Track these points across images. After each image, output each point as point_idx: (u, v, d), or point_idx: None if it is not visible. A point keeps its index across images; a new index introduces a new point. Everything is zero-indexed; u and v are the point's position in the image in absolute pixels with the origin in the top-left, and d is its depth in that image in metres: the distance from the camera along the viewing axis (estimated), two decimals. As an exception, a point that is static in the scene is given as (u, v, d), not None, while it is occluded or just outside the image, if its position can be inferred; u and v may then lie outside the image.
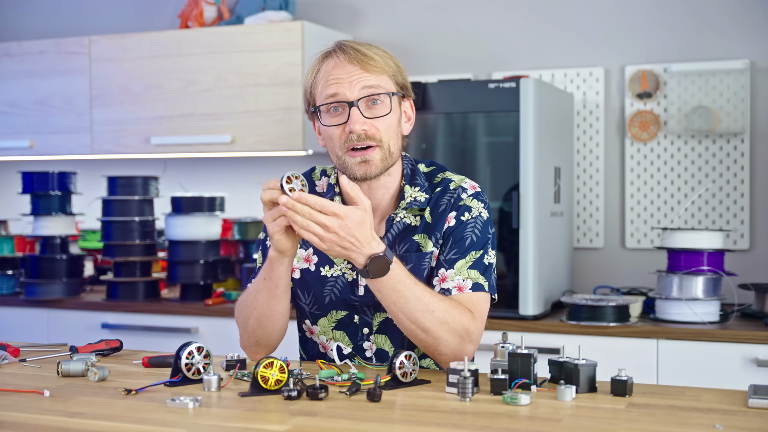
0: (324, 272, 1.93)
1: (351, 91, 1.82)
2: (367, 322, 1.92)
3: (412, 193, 1.91)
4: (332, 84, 1.83)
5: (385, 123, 1.84)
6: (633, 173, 3.38)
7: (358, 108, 1.82)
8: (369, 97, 1.83)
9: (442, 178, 1.95)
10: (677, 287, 2.86)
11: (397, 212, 1.91)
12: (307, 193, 1.69)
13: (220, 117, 3.52)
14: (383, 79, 1.85)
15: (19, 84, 3.82)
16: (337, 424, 1.43)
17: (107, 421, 1.46)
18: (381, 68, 1.84)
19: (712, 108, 3.23)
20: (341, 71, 1.83)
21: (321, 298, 1.93)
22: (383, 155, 1.85)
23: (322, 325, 1.95)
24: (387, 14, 3.71)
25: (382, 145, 1.84)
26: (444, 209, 1.90)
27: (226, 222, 3.73)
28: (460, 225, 1.89)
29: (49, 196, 3.51)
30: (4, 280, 3.64)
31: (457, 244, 1.88)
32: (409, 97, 1.93)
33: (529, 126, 2.90)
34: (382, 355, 1.92)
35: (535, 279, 2.92)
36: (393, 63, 1.88)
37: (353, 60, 1.83)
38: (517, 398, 1.53)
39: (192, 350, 1.71)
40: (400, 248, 1.89)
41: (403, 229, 1.91)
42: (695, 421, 1.43)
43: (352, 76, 1.82)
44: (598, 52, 3.44)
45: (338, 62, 1.84)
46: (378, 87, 1.84)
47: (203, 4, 3.70)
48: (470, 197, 1.91)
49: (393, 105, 1.86)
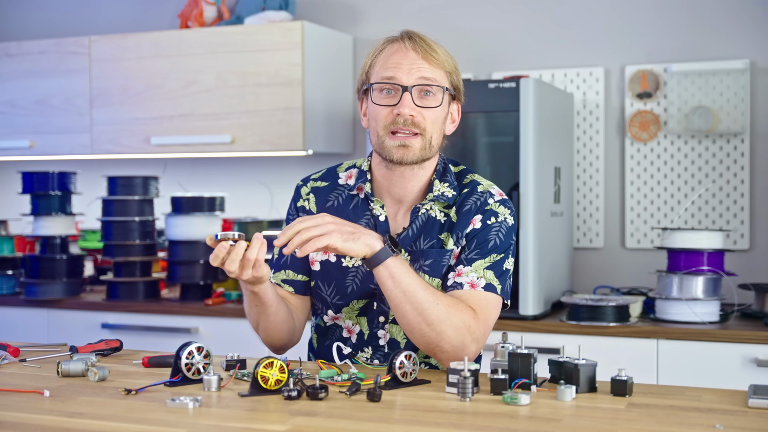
0: (345, 263, 1.95)
1: (408, 77, 1.86)
2: (384, 311, 1.94)
3: (441, 188, 1.94)
4: (391, 67, 1.87)
5: (432, 114, 1.88)
6: (633, 173, 3.38)
7: (411, 94, 1.86)
8: (423, 86, 1.87)
9: (471, 179, 1.98)
10: (677, 287, 2.86)
11: (424, 203, 1.93)
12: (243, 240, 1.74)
13: (220, 117, 3.52)
14: (440, 74, 1.90)
15: (19, 84, 3.82)
16: (337, 424, 1.43)
17: (107, 421, 1.46)
18: (441, 63, 1.90)
19: (712, 108, 3.23)
20: (402, 57, 1.88)
21: (343, 288, 1.95)
22: (423, 144, 1.88)
23: (346, 312, 1.97)
24: (387, 14, 3.71)
25: (425, 134, 1.88)
26: (469, 209, 1.92)
27: (226, 222, 3.72)
28: (485, 228, 1.90)
29: (49, 196, 3.50)
30: (4, 280, 3.64)
31: (480, 245, 1.89)
32: (459, 100, 1.97)
33: (529, 126, 2.90)
34: (394, 345, 1.95)
35: (535, 279, 2.92)
36: (452, 63, 1.94)
37: (417, 48, 1.88)
38: (517, 398, 1.53)
39: (192, 350, 1.71)
40: (425, 243, 1.91)
41: (427, 221, 1.93)
42: (695, 421, 1.43)
43: (412, 64, 1.87)
44: (598, 52, 3.44)
45: (401, 47, 1.89)
46: (434, 79, 1.88)
47: (203, 4, 3.70)
48: (497, 203, 1.93)
49: (444, 100, 1.90)
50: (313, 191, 2.03)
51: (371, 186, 1.96)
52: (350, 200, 1.98)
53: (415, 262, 1.91)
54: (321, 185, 2.03)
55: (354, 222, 1.89)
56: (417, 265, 1.90)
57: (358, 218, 1.95)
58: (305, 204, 2.02)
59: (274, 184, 3.82)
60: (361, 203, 1.97)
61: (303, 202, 2.03)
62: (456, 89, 1.94)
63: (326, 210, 1.98)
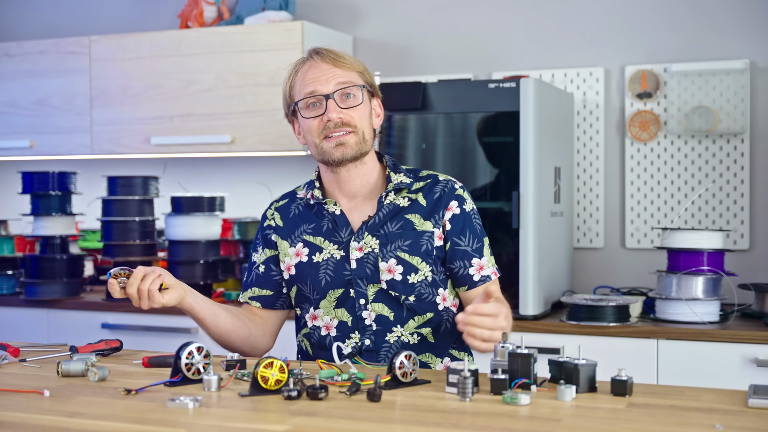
0: (316, 259, 2.10)
1: (326, 86, 2.04)
2: (362, 293, 2.06)
3: (398, 177, 2.11)
4: (309, 83, 2.05)
5: (358, 112, 2.06)
6: (633, 173, 3.38)
7: (334, 100, 2.03)
8: (343, 90, 2.04)
9: (427, 173, 2.16)
10: (677, 287, 2.86)
11: (387, 193, 2.09)
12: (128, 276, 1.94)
13: (220, 117, 3.52)
14: (353, 75, 2.07)
15: (19, 84, 3.82)
16: (337, 424, 1.43)
17: (107, 421, 1.46)
18: (351, 66, 2.07)
19: (712, 108, 3.23)
20: (317, 71, 2.05)
21: (318, 282, 2.09)
22: (358, 140, 2.05)
23: (324, 307, 2.09)
24: (387, 14, 3.71)
25: (357, 131, 2.05)
26: (440, 196, 2.10)
27: (226, 222, 3.73)
28: (465, 214, 2.10)
29: (49, 196, 3.50)
30: (4, 280, 3.64)
31: (471, 233, 2.10)
32: (377, 95, 2.14)
33: (529, 126, 2.90)
34: (382, 320, 2.05)
35: (535, 279, 2.92)
36: (361, 64, 2.11)
37: (326, 59, 2.06)
38: (517, 398, 1.53)
39: (192, 350, 1.71)
40: (394, 226, 2.07)
41: (393, 209, 2.09)
42: (695, 421, 1.44)
43: (327, 74, 2.04)
44: (598, 52, 3.44)
45: (313, 63, 2.07)
46: (350, 81, 2.06)
47: (203, 4, 3.70)
48: (461, 189, 2.13)
49: (364, 97, 2.08)
50: (276, 210, 2.21)
51: (321, 191, 2.13)
52: (309, 208, 2.16)
53: (390, 243, 2.06)
54: (282, 203, 2.22)
55: (316, 221, 2.11)
56: (393, 245, 2.05)
57: (319, 219, 2.12)
58: (270, 222, 2.19)
59: (274, 184, 3.81)
60: (318, 207, 2.14)
61: (269, 221, 2.20)
62: (371, 86, 2.11)
63: (290, 219, 2.16)
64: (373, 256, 2.05)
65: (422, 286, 2.06)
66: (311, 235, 2.11)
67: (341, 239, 2.08)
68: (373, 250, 2.05)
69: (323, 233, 2.10)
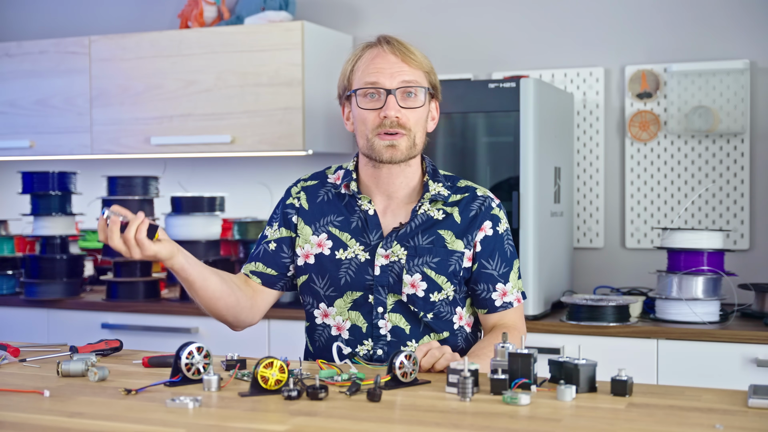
0: (339, 255, 2.02)
1: (391, 81, 1.95)
2: (381, 302, 1.99)
3: (436, 187, 2.03)
4: (373, 72, 1.96)
5: (416, 115, 1.98)
6: (633, 173, 3.38)
7: (395, 96, 1.95)
8: (406, 88, 1.96)
9: (465, 184, 2.08)
10: (677, 287, 2.86)
11: (422, 203, 2.01)
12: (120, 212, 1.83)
13: (220, 117, 3.52)
14: (420, 75, 1.99)
15: (19, 84, 3.82)
16: (337, 424, 1.43)
17: (107, 421, 1.46)
18: (419, 65, 1.99)
19: (712, 108, 3.23)
20: (383, 61, 1.97)
21: (337, 280, 2.01)
22: (409, 144, 1.97)
23: (339, 306, 2.03)
24: (387, 14, 3.71)
25: (410, 134, 1.97)
26: (475, 215, 2.02)
27: (226, 222, 3.73)
28: (498, 237, 2.03)
29: (49, 196, 3.50)
30: (4, 280, 3.64)
31: (501, 256, 2.03)
32: (437, 98, 2.06)
33: (529, 126, 2.90)
34: (398, 332, 1.99)
35: (535, 279, 2.92)
36: (429, 63, 2.03)
37: (396, 52, 1.97)
38: (517, 398, 1.53)
39: (192, 350, 1.71)
40: (424, 239, 2.00)
41: (427, 220, 2.01)
42: (695, 421, 1.43)
43: (393, 68, 1.96)
44: (598, 52, 3.44)
45: (381, 52, 1.98)
46: (415, 81, 1.97)
47: (203, 4, 3.70)
48: (498, 208, 2.06)
49: (425, 100, 2.00)
50: (303, 189, 2.10)
51: (357, 185, 2.04)
52: (340, 197, 2.06)
53: (419, 257, 1.98)
54: (311, 184, 2.11)
55: (345, 215, 2.02)
56: (421, 260, 1.98)
57: (349, 213, 2.03)
58: (294, 202, 2.09)
59: (274, 184, 3.81)
60: (350, 200, 2.04)
61: (293, 200, 2.10)
62: (435, 88, 2.04)
63: (317, 204, 2.07)
64: (398, 266, 1.97)
65: (442, 305, 2.00)
66: (338, 228, 2.02)
67: (369, 241, 2.00)
68: (399, 259, 1.98)
69: (351, 230, 2.01)
